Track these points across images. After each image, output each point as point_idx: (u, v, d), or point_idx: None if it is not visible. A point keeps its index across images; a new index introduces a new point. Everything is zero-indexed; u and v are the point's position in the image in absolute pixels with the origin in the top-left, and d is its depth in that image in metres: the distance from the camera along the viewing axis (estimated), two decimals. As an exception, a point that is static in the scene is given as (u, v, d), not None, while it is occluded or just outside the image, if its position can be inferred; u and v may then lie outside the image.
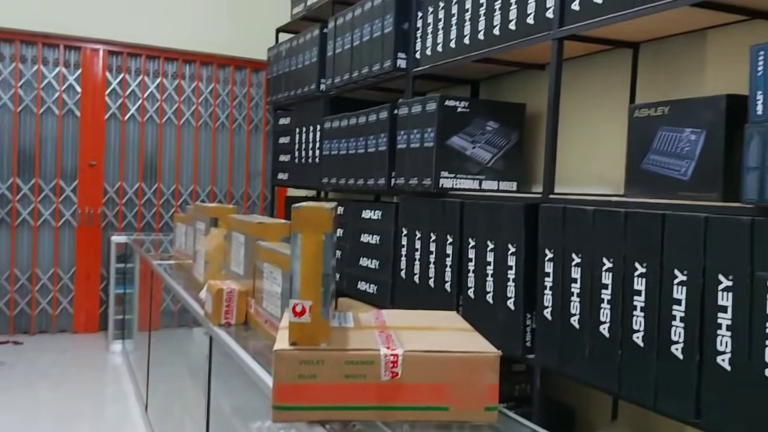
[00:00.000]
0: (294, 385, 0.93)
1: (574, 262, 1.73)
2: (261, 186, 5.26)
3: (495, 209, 2.00)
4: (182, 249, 2.78)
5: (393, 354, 0.93)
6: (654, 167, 1.66)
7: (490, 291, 2.03)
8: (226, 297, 1.57)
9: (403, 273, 2.48)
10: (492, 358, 0.96)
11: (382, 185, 2.60)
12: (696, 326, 1.41)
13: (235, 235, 1.74)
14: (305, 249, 0.95)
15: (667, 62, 1.94)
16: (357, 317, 1.15)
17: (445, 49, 2.37)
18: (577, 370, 1.73)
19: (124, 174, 4.86)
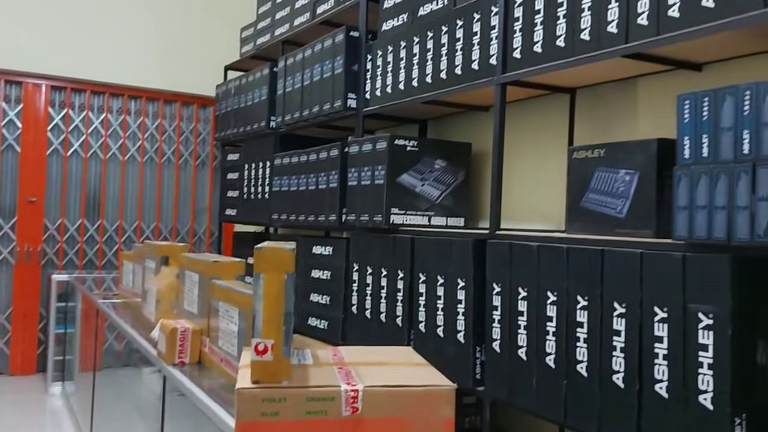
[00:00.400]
0: (256, 423, 0.95)
1: (521, 295, 1.80)
2: (207, 222, 5.21)
3: (444, 245, 2.07)
4: (129, 287, 2.73)
5: (353, 390, 0.97)
6: (592, 205, 1.76)
7: (440, 325, 2.08)
8: (180, 336, 1.57)
9: (354, 308, 2.51)
10: (448, 392, 1.00)
11: (333, 221, 2.64)
12: (635, 356, 1.49)
13: (189, 274, 1.75)
14: (268, 289, 0.98)
15: (603, 107, 2.07)
16: (315, 354, 1.18)
17: (394, 90, 2.45)
18: (525, 400, 1.79)
19: (66, 210, 4.74)
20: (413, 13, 2.41)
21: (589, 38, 1.70)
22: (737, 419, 1.32)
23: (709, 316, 1.35)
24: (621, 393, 1.52)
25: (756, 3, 1.33)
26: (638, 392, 1.49)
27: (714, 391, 1.33)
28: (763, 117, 1.27)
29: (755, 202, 1.27)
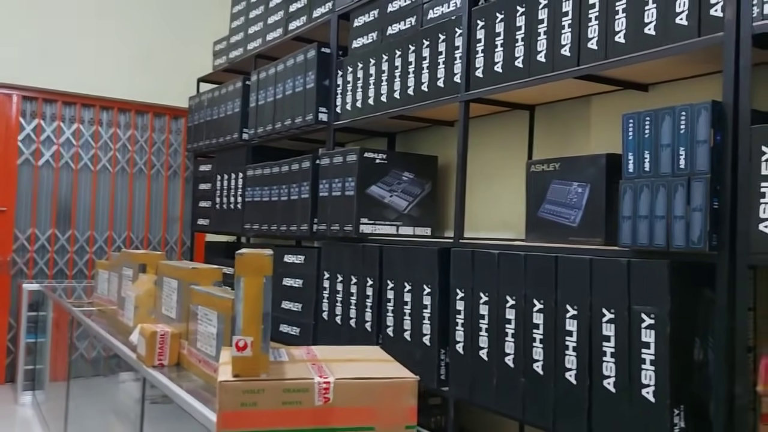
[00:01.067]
0: (237, 413, 1.04)
1: (482, 300, 1.92)
2: (179, 232, 5.24)
3: (411, 253, 2.18)
4: (104, 295, 2.78)
5: (325, 381, 1.07)
6: (548, 215, 1.89)
7: (407, 329, 2.18)
8: (159, 339, 1.65)
9: (325, 315, 2.60)
10: (411, 383, 1.11)
11: (305, 231, 2.74)
12: (585, 354, 1.62)
13: (167, 280, 1.83)
14: (247, 291, 1.08)
15: (559, 123, 2.21)
16: (290, 353, 1.27)
17: (364, 105, 2.56)
18: (486, 399, 1.90)
19: (37, 220, 4.74)
20: (382, 32, 2.53)
21: (544, 60, 1.84)
22: (676, 410, 1.45)
23: (650, 316, 1.48)
24: (573, 389, 1.65)
25: (691, 31, 1.48)
26: (589, 388, 1.61)
27: (655, 385, 1.46)
28: (697, 135, 1.41)
29: (690, 212, 1.40)
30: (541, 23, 1.85)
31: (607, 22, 1.67)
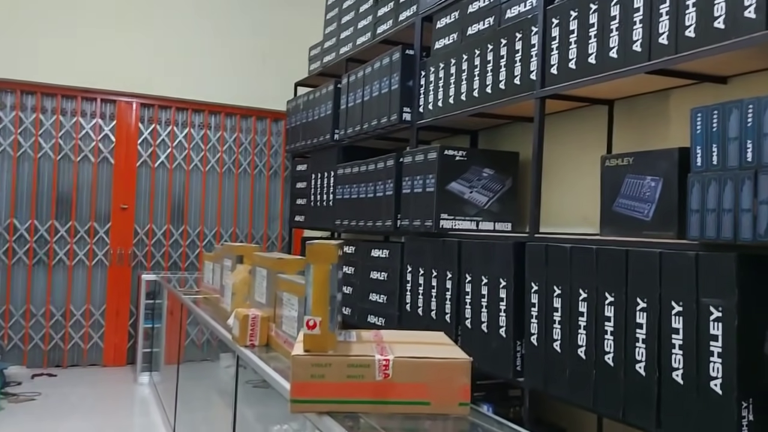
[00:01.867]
0: (307, 383, 1.18)
1: (555, 293, 1.96)
2: (279, 228, 5.55)
3: (488, 247, 2.25)
4: (210, 284, 3.04)
5: (385, 359, 1.18)
6: (622, 209, 1.90)
7: (484, 321, 2.26)
8: (251, 322, 1.83)
9: (408, 306, 2.71)
10: (465, 364, 1.20)
11: (389, 226, 2.86)
12: (654, 347, 1.63)
13: (259, 270, 2.01)
14: (316, 277, 1.21)
15: (638, 117, 2.20)
16: (359, 334, 1.40)
17: (445, 103, 2.65)
18: (559, 390, 1.94)
19: (154, 217, 5.19)
20: (463, 32, 2.61)
21: (616, 56, 1.86)
22: (744, 403, 1.44)
23: (718, 309, 1.48)
24: (643, 380, 1.66)
25: (759, 24, 1.46)
26: (658, 380, 1.62)
27: (723, 378, 1.46)
28: (763, 128, 1.40)
29: (757, 205, 1.40)
30: (613, 20, 1.87)
31: (677, 17, 1.67)
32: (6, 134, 4.82)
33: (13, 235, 4.83)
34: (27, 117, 4.87)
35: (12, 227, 4.82)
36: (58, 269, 4.95)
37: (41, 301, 4.89)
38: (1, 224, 4.81)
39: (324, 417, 1.17)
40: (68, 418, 3.90)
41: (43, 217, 4.90)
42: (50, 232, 4.91)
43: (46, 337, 4.89)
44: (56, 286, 4.94)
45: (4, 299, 4.80)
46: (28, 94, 4.88)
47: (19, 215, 4.85)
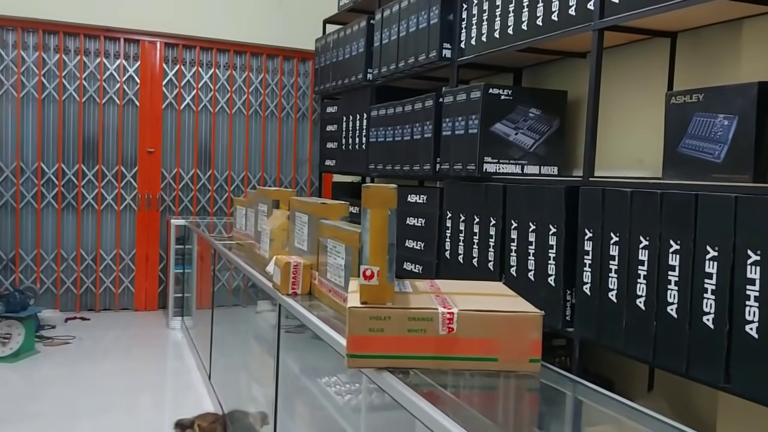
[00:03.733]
0: (364, 337, 1.09)
1: (612, 240, 1.85)
2: (308, 172, 5.45)
3: (537, 192, 2.13)
4: (242, 230, 2.97)
5: (449, 312, 1.09)
6: (689, 151, 1.76)
7: (531, 269, 2.16)
8: (293, 269, 1.75)
9: (447, 254, 2.62)
10: (536, 318, 1.10)
11: (427, 171, 2.74)
12: (726, 298, 1.52)
13: (299, 215, 1.92)
14: (374, 223, 1.11)
15: (704, 51, 2.03)
16: (414, 284, 1.31)
17: (489, 39, 2.49)
18: (614, 341, 1.85)
19: (181, 161, 5.12)
20: (510, -40, 2.42)
21: (690, -20, 1.68)
22: (828, 360, 1.34)
23: (803, 259, 1.36)
24: (711, 333, 1.56)
25: None
26: (728, 333, 1.52)
27: (805, 333, 1.35)
28: None
29: None
30: (688, -61, 1.68)
31: (767, -68, 1.49)
32: (30, 76, 4.73)
33: (41, 179, 4.80)
34: (50, 58, 4.77)
35: (40, 171, 4.79)
36: (87, 214, 4.93)
37: (71, 245, 4.90)
38: (29, 168, 4.78)
39: (383, 373, 1.09)
40: (103, 361, 3.93)
41: (70, 160, 4.86)
42: (78, 176, 4.87)
43: (77, 282, 4.92)
44: (86, 231, 4.94)
45: (34, 243, 4.81)
46: (50, 34, 4.76)
47: (46, 159, 4.81)
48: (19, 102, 4.69)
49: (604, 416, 1.18)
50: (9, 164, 4.72)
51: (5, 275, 4.77)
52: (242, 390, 2.75)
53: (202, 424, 2.83)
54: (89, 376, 3.64)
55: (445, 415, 0.93)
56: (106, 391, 3.43)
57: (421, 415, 0.96)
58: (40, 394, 3.36)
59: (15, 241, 4.77)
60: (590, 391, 1.24)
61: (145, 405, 3.30)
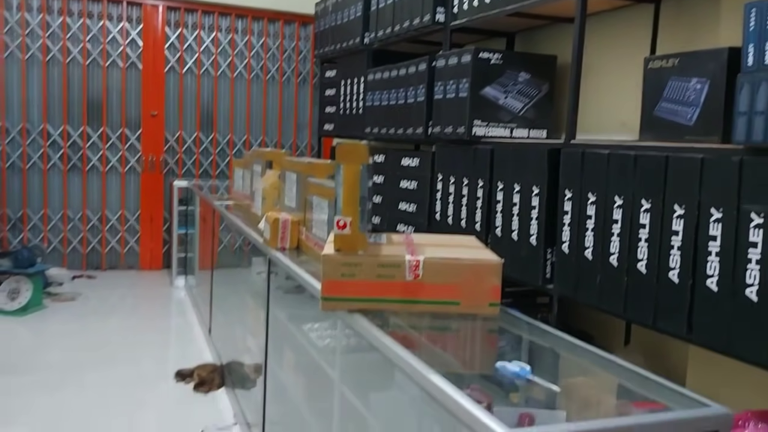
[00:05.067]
0: (337, 282, 1.18)
1: (590, 200, 1.92)
2: (308, 136, 5.52)
3: (521, 154, 2.20)
4: (240, 191, 3.06)
5: (416, 260, 1.17)
6: (664, 114, 1.82)
7: (515, 229, 2.24)
8: (281, 225, 1.84)
9: (437, 215, 2.70)
10: (495, 265, 1.19)
11: (420, 134, 2.81)
12: (690, 254, 1.60)
13: (289, 174, 2.00)
14: (346, 177, 1.19)
15: (686, 17, 2.07)
16: (390, 237, 1.39)
17: (481, 3, 2.52)
18: (589, 296, 1.94)
19: (183, 124, 5.19)
20: (501, -76, 2.44)
21: (668, -54, 1.72)
22: (779, 311, 1.42)
23: (760, 215, 1.43)
24: (675, 288, 1.64)
25: None
26: (691, 287, 1.60)
27: (760, 285, 1.43)
28: (827, 23, 1.30)
29: (812, 107, 1.32)
30: None
31: None
32: (34, 38, 4.79)
33: (47, 141, 4.89)
34: (54, 20, 4.81)
35: (45, 133, 4.88)
36: (92, 175, 5.03)
37: (77, 206, 5.01)
38: (35, 129, 4.86)
39: (354, 315, 1.18)
40: (108, 317, 4.07)
41: (75, 122, 4.94)
42: (83, 138, 4.96)
43: (84, 241, 5.05)
44: (91, 192, 5.04)
45: (41, 204, 4.92)
46: (53, -4, 4.80)
47: (52, 121, 4.89)
48: (24, 64, 4.75)
49: (548, 350, 1.27)
50: (15, 125, 4.81)
51: (13, 234, 4.90)
52: (238, 343, 2.88)
53: (202, 373, 2.97)
54: (95, 331, 3.78)
55: (407, 351, 1.02)
56: (112, 345, 3.56)
57: (386, 351, 1.05)
58: (48, 347, 3.50)
59: (22, 201, 4.88)
60: (538, 331, 1.33)
61: (148, 357, 3.44)
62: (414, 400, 1.37)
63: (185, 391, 2.94)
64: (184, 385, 2.99)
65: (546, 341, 1.27)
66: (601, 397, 1.08)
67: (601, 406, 1.08)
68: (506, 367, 0.96)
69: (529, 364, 1.05)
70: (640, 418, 0.89)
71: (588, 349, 1.21)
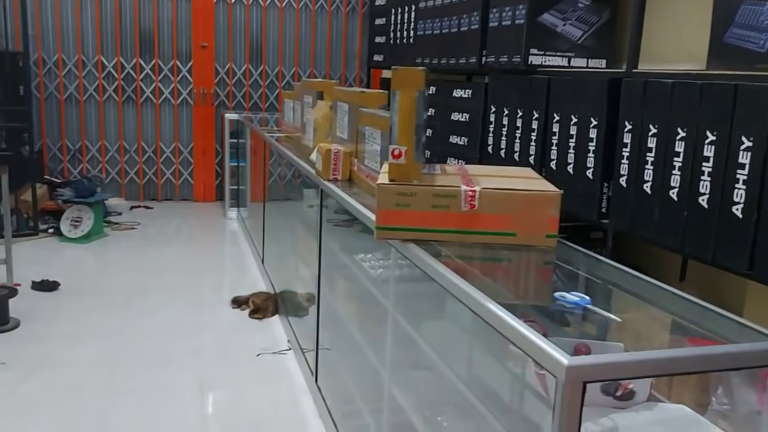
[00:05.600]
0: (392, 212, 1.18)
1: (651, 132, 1.85)
2: (357, 69, 5.45)
3: (580, 85, 2.12)
4: (290, 123, 3.07)
5: (472, 190, 1.16)
6: (735, 41, 1.72)
7: (571, 162, 2.18)
8: (333, 157, 1.84)
9: (490, 148, 2.65)
10: (554, 196, 1.17)
11: (473, 64, 2.73)
12: (756, 188, 1.54)
13: (340, 105, 1.98)
14: (402, 104, 1.17)
15: (767, -67, 1.91)
16: (443, 167, 1.38)
17: (541, -76, 2.39)
18: (646, 231, 1.90)
19: (233, 56, 5.18)
20: None
21: None
22: None
23: (836, 149, 1.36)
24: (739, 223, 1.59)
25: None
26: (756, 222, 1.55)
27: (830, 222, 1.37)
28: None
29: None
30: None
31: None
32: (85, -31, 4.80)
33: (102, 73, 4.96)
34: (104, -49, 4.80)
35: (100, 64, 4.95)
36: (146, 107, 5.12)
37: (133, 137, 5.13)
38: (90, 61, 4.94)
39: (408, 244, 1.19)
40: (166, 245, 4.22)
41: (128, 55, 4.99)
42: (136, 70, 5.02)
43: (140, 172, 5.19)
44: (146, 124, 5.14)
45: (98, 135, 5.05)
46: (102, -74, 4.77)
47: (106, 53, 4.95)
48: (77, -4, 4.80)
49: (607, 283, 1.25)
50: (71, 57, 4.90)
51: (73, 164, 5.06)
52: (291, 272, 2.95)
53: (256, 300, 3.07)
54: (154, 258, 3.93)
55: (465, 281, 1.02)
56: (170, 272, 3.70)
57: (442, 281, 1.06)
58: (111, 272, 3.66)
59: (81, 133, 5.02)
60: (596, 263, 1.31)
61: (205, 284, 3.56)
62: (464, 330, 1.39)
63: (241, 317, 3.06)
64: (240, 312, 3.10)
65: (605, 274, 1.26)
66: (659, 329, 1.07)
67: (659, 339, 1.07)
68: (565, 297, 0.95)
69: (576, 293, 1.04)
70: (701, 350, 0.88)
71: (648, 282, 1.20)
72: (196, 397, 2.31)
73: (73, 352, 2.62)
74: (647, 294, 1.18)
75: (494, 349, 1.20)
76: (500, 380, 1.21)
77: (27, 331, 2.82)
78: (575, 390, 0.71)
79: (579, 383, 0.71)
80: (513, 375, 1.16)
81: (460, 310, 1.15)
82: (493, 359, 1.27)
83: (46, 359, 2.56)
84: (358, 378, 1.89)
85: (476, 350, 1.37)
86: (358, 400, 1.83)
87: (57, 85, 4.92)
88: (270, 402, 2.30)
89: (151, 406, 2.24)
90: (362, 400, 1.80)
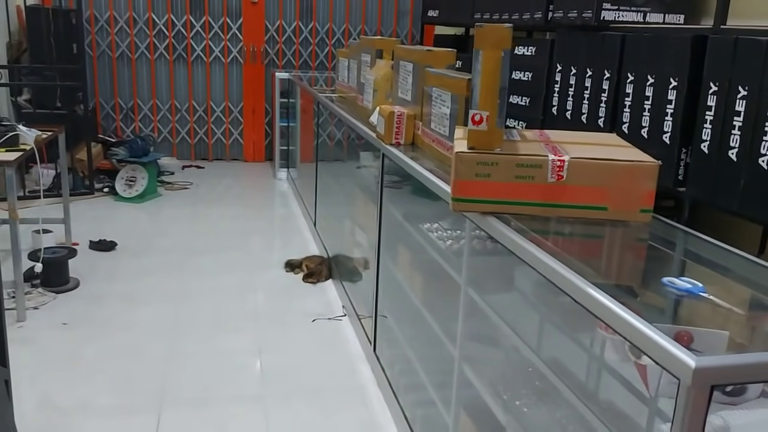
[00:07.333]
0: (471, 182, 1.10)
1: (740, 95, 1.71)
2: (410, 24, 5.29)
3: (659, 42, 1.97)
4: (345, 83, 2.98)
5: (560, 160, 1.07)
6: None
7: (645, 126, 2.05)
8: (397, 119, 1.75)
9: (554, 109, 2.52)
10: (652, 167, 1.07)
11: (539, 19, 2.58)
12: None
13: (403, 64, 1.89)
14: (485, 64, 1.08)
15: None
16: (522, 133, 1.28)
17: None
18: (729, 201, 1.77)
19: (283, 12, 5.08)
20: None
21: None
22: None
23: None
24: (841, 196, 1.46)
25: None
26: None
27: None
28: None
29: None
30: None
31: None
32: (134, -76, 4.74)
33: (153, 30, 4.94)
34: None
35: (151, 22, 4.92)
36: (196, 66, 5.09)
37: (184, 96, 5.12)
38: (141, 19, 4.91)
39: (488, 217, 1.11)
40: (218, 205, 4.23)
41: (179, 12, 4.94)
42: (186, 28, 4.97)
43: (191, 132, 5.19)
44: (196, 83, 5.12)
45: (150, 94, 5.05)
46: None
47: (156, 10, 4.91)
48: (127, -48, 4.74)
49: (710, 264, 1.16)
50: (123, 14, 4.88)
51: (126, 123, 5.10)
52: (345, 236, 2.90)
53: (310, 264, 3.04)
54: (207, 218, 3.95)
55: (553, 257, 0.94)
56: (222, 232, 3.71)
57: (528, 258, 0.98)
58: (165, 232, 3.69)
59: (132, 91, 5.03)
60: (710, 246, 1.21)
61: (257, 245, 3.56)
62: (544, 308, 1.32)
63: (295, 281, 3.04)
64: (293, 275, 3.08)
65: (710, 255, 1.16)
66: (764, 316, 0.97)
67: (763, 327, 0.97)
68: (674, 283, 0.86)
69: (687, 278, 0.95)
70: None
71: (759, 264, 1.09)
72: (254, 364, 2.31)
73: (132, 314, 2.65)
74: (759, 278, 1.08)
75: (582, 332, 1.13)
76: (589, 367, 1.14)
77: (86, 291, 2.86)
78: (701, 395, 0.63)
79: (707, 387, 0.63)
80: (606, 364, 1.08)
81: (540, 289, 1.07)
82: (576, 345, 1.19)
83: (107, 321, 2.59)
84: (421, 350, 1.84)
85: (558, 332, 1.30)
86: (420, 373, 1.78)
87: (109, 43, 4.92)
88: (328, 370, 2.28)
89: (211, 370, 2.24)
90: (425, 372, 1.75)
